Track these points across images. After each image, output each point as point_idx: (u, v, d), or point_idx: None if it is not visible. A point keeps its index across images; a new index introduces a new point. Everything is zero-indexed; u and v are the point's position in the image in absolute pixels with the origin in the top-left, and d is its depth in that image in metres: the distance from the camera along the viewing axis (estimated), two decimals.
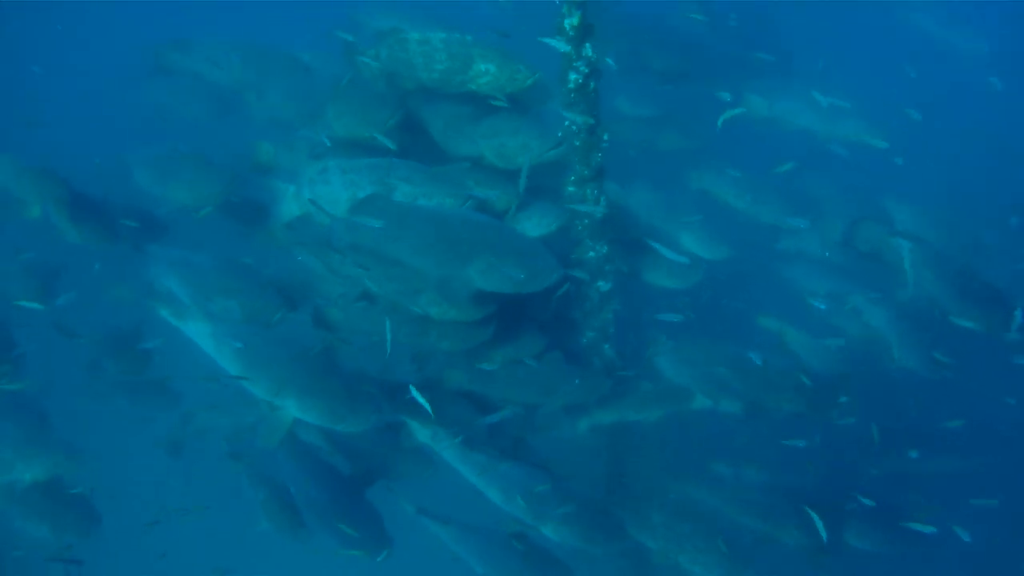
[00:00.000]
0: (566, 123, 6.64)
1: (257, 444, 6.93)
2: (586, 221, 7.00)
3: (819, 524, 6.73)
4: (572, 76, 6.42)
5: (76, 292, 8.34)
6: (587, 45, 6.34)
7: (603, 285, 7.27)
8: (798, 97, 10.80)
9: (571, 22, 6.28)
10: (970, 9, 16.25)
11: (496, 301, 6.52)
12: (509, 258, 6.19)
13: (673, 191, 9.40)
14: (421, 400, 6.10)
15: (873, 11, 15.90)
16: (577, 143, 6.66)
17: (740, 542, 7.43)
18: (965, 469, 8.90)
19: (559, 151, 6.90)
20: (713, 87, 10.08)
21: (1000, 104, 14.37)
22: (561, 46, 6.36)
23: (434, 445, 7.07)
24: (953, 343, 8.81)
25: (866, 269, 9.76)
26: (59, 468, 7.48)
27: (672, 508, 7.38)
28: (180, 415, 9.29)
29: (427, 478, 7.66)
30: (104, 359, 8.61)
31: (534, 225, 7.16)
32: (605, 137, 6.66)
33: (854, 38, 15.03)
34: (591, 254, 7.15)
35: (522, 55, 7.01)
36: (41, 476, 7.44)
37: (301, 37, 11.28)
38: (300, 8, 15.31)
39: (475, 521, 7.56)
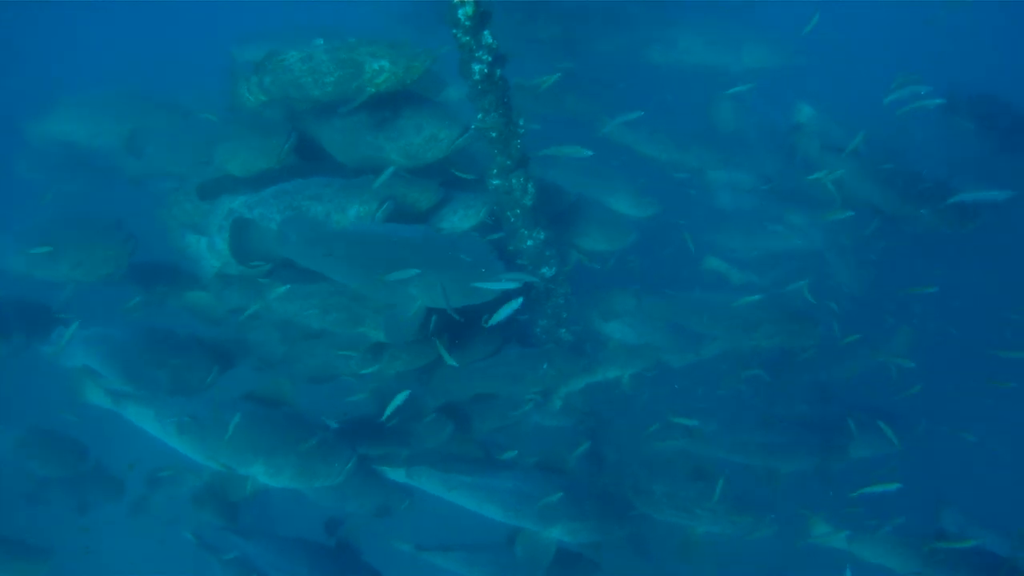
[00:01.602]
0: (479, 116, 6.46)
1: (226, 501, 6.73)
2: (518, 211, 6.90)
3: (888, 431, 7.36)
4: (476, 67, 6.20)
5: None
6: (486, 33, 6.11)
7: (547, 271, 7.22)
8: (696, 35, 10.94)
9: (465, 11, 6.01)
10: None
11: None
12: (450, 273, 5.94)
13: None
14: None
15: None
16: (493, 134, 6.50)
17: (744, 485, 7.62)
18: None
19: (468, 134, 6.76)
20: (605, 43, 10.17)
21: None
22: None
23: (411, 481, 6.95)
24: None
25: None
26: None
27: (670, 474, 7.45)
28: (146, 478, 8.94)
29: (408, 509, 7.58)
30: (30, 462, 8.20)
31: (460, 218, 7.08)
32: (521, 123, 6.51)
33: None
34: (528, 242, 7.08)
35: (411, 41, 6.68)
36: None
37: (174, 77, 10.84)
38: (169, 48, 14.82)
39: (475, 540, 7.52)
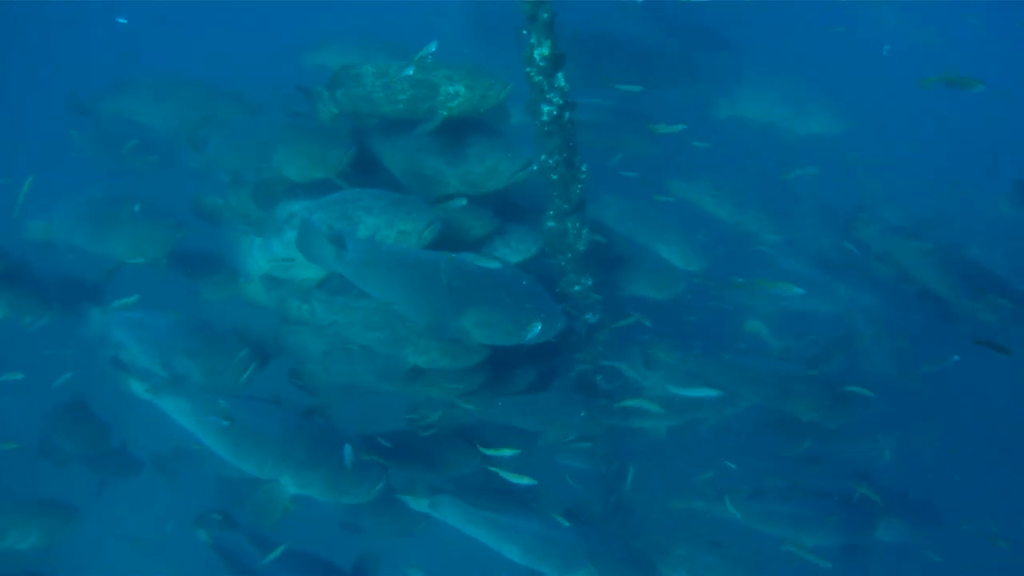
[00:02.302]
0: (542, 157, 6.54)
1: (252, 523, 6.76)
2: (569, 255, 6.96)
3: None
4: (545, 108, 6.27)
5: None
6: (559, 75, 6.19)
7: (590, 317, 7.26)
8: (763, 94, 10.98)
9: (541, 52, 6.09)
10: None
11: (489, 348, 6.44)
12: (507, 310, 6.03)
13: (647, 200, 9.49)
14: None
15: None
16: (554, 176, 6.58)
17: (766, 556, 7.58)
18: None
19: (529, 171, 6.83)
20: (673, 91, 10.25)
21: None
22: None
23: (434, 512, 6.99)
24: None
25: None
26: (56, 532, 7.53)
27: (691, 537, 7.46)
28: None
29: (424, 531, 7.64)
30: (57, 437, 8.35)
31: (511, 251, 7.15)
32: (583, 168, 6.58)
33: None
34: (576, 287, 7.13)
35: (489, 68, 6.73)
36: (39, 542, 7.54)
37: (247, 75, 11.02)
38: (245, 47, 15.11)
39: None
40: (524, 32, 6.12)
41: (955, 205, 10.68)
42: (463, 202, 6.61)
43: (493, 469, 6.45)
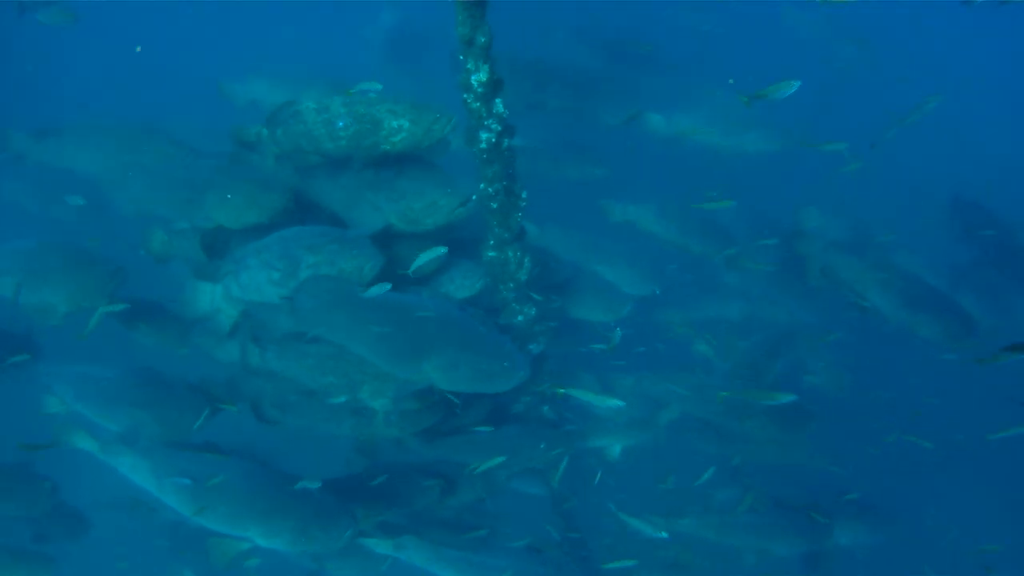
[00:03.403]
0: (480, 186, 6.52)
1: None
2: (511, 285, 7.01)
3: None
4: (484, 135, 6.21)
5: None
6: (497, 101, 6.14)
7: (534, 348, 7.31)
8: (699, 113, 11.20)
9: (479, 78, 6.01)
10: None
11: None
12: (471, 356, 6.12)
13: (590, 226, 9.64)
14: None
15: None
16: (494, 205, 6.56)
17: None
18: None
19: (469, 207, 6.88)
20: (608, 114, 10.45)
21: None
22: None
23: (398, 554, 7.00)
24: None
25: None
26: None
27: (653, 560, 7.54)
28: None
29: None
30: None
31: (457, 287, 7.21)
32: (524, 195, 6.60)
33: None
34: (519, 318, 7.18)
35: (433, 102, 6.78)
36: None
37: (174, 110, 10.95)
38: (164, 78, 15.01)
39: None
40: (460, 57, 6.04)
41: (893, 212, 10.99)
42: (443, 250, 6.45)
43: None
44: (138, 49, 15.44)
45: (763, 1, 16.83)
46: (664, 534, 6.96)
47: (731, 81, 9.86)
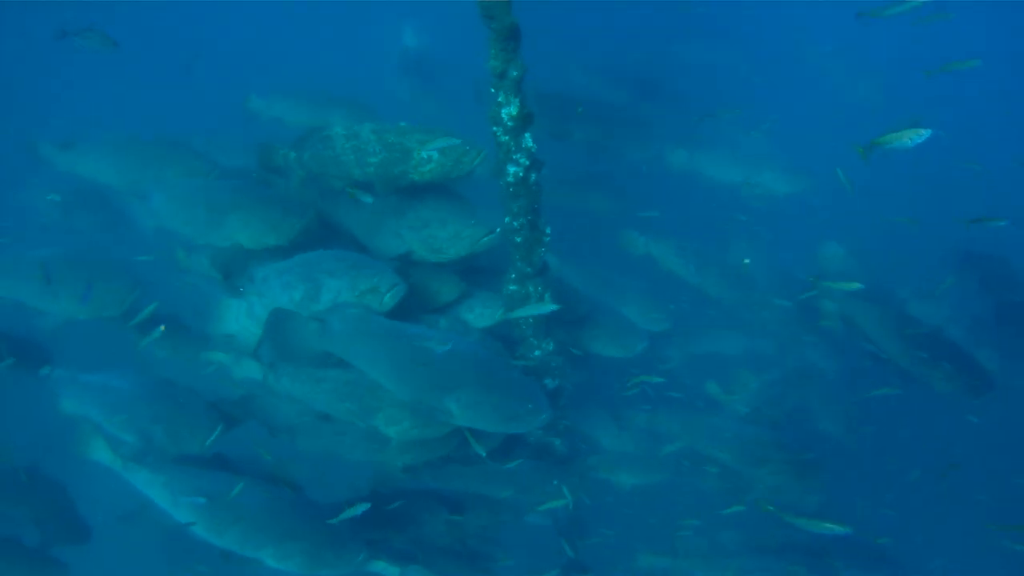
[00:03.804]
0: (506, 219, 6.60)
1: None
2: (530, 319, 7.06)
3: None
4: (512, 169, 6.28)
5: None
6: (527, 136, 6.21)
7: (549, 383, 7.34)
8: (719, 152, 11.33)
9: (509, 112, 6.08)
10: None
11: None
12: (495, 395, 6.17)
13: (610, 260, 9.72)
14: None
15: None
16: (518, 239, 6.63)
17: None
18: None
19: (493, 237, 6.95)
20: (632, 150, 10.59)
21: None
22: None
23: None
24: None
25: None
26: None
27: None
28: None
29: None
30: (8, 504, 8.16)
31: (477, 316, 7.28)
32: (548, 231, 6.66)
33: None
34: (536, 352, 7.22)
35: (462, 134, 6.75)
36: None
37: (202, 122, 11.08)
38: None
39: None
40: (492, 90, 6.11)
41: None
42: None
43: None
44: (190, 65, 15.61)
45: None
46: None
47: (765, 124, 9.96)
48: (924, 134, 5.34)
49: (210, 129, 10.73)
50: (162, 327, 7.48)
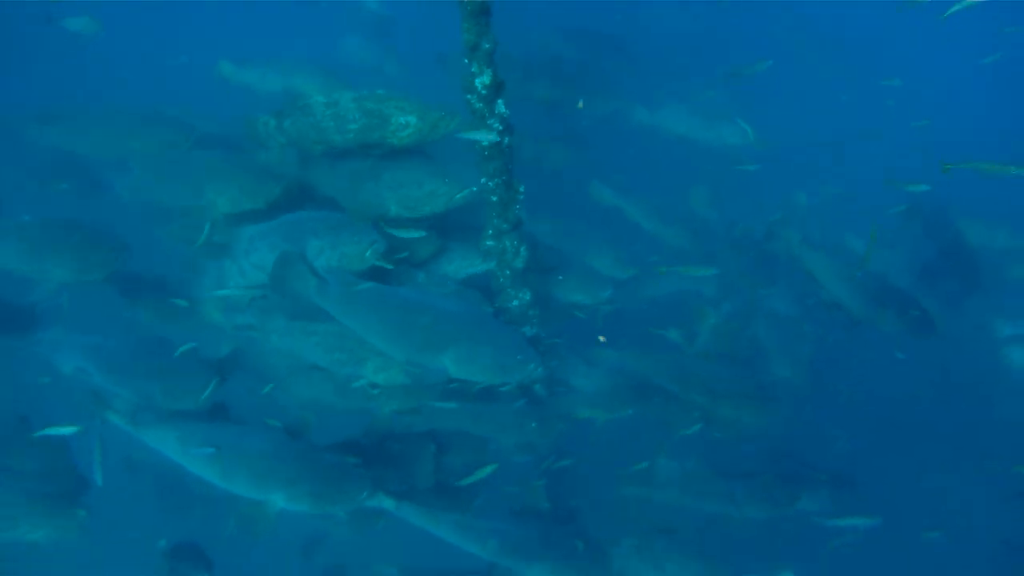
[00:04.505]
0: (482, 180, 7.09)
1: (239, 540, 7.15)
2: (507, 272, 7.60)
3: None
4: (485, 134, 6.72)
5: None
6: (500, 102, 6.68)
7: (528, 331, 7.90)
8: (679, 106, 11.88)
9: (483, 80, 6.54)
10: None
11: None
12: (487, 349, 6.69)
13: (577, 212, 10.28)
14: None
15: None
16: (494, 198, 7.12)
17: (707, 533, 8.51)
18: None
19: (466, 194, 7.42)
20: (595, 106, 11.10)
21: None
22: (481, 136, 6.68)
23: (400, 513, 7.53)
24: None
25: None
26: (66, 526, 7.71)
27: (637, 525, 8.24)
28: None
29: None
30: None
31: (456, 268, 7.85)
32: (521, 189, 7.17)
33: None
34: (515, 303, 7.77)
35: (438, 100, 7.27)
36: (49, 536, 7.70)
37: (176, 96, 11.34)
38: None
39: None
40: (465, 61, 6.58)
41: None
42: (421, 233, 7.16)
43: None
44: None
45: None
46: None
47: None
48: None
49: (185, 100, 11.02)
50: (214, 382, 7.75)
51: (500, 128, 6.82)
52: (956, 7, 7.62)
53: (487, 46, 6.52)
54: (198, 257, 8.16)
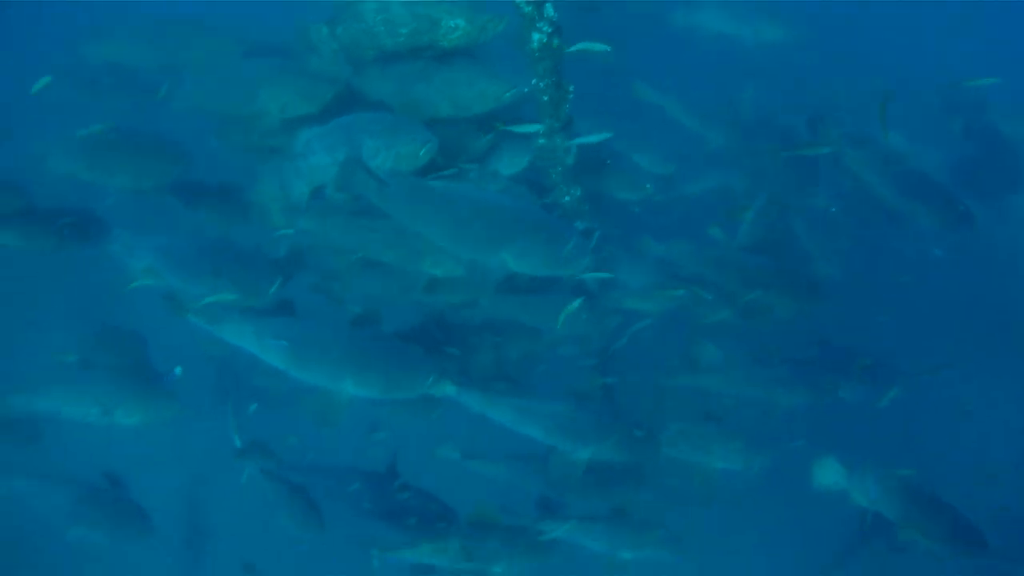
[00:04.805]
0: (532, 81, 7.29)
1: (318, 427, 7.46)
2: (559, 169, 7.90)
3: None
4: (536, 36, 6.89)
5: None
6: (548, 6, 6.80)
7: (580, 225, 8.22)
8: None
9: None
10: None
11: None
12: (545, 243, 7.01)
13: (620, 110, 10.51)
14: None
15: None
16: (545, 98, 7.35)
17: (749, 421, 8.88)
18: None
19: (514, 92, 7.68)
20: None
21: None
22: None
23: (459, 398, 7.86)
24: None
25: None
26: (155, 417, 8.34)
27: (683, 412, 8.66)
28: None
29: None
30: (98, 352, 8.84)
31: (505, 165, 8.11)
32: (571, 89, 7.36)
33: None
34: (566, 198, 8.11)
35: (485, 4, 7.55)
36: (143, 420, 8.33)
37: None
38: None
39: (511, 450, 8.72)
40: None
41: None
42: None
43: None
44: None
45: None
46: None
47: None
48: None
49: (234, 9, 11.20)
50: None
51: (549, 31, 6.97)
52: None
53: None
54: (256, 162, 8.45)
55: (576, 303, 7.54)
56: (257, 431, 8.88)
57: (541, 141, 7.76)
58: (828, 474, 8.34)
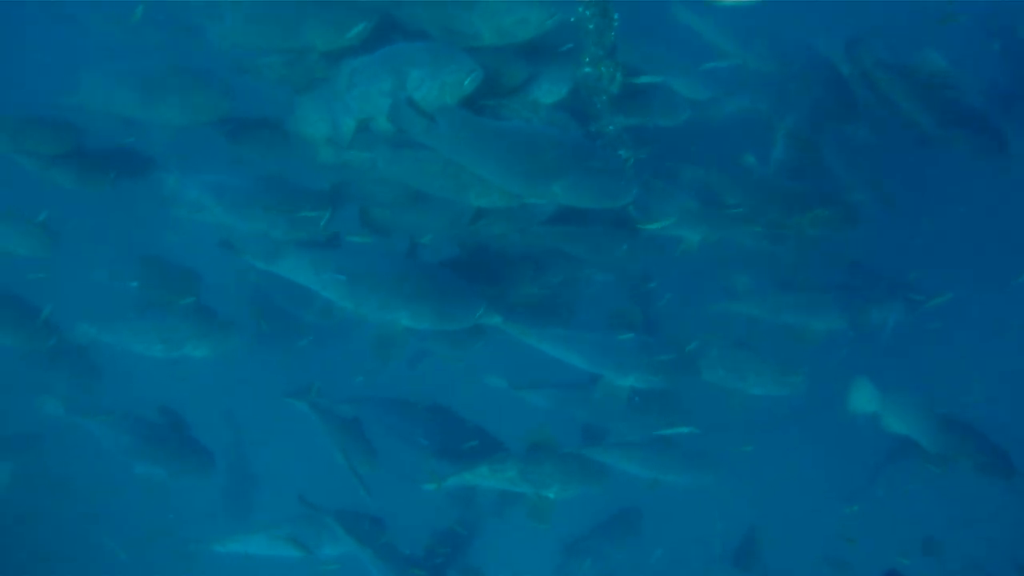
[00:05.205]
0: (579, 9, 7.43)
1: (377, 359, 7.75)
2: (604, 97, 7.98)
3: None
4: None
5: None
6: None
7: (624, 153, 8.28)
8: None
9: None
10: None
11: None
12: (593, 176, 7.13)
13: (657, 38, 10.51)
14: None
15: None
16: (591, 26, 7.49)
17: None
18: None
19: (555, 19, 7.64)
20: None
21: None
22: None
23: (506, 328, 8.12)
24: None
25: None
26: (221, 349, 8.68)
27: (720, 338, 8.85)
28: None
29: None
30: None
31: (545, 92, 8.13)
32: (616, 17, 7.48)
33: None
34: (611, 128, 8.20)
35: None
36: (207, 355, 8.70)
37: None
38: None
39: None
40: None
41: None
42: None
43: None
44: None
45: None
46: None
47: None
48: None
49: None
50: None
51: None
52: None
53: None
54: (299, 96, 8.54)
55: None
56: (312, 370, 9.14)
57: (587, 70, 7.84)
58: (862, 397, 8.53)
